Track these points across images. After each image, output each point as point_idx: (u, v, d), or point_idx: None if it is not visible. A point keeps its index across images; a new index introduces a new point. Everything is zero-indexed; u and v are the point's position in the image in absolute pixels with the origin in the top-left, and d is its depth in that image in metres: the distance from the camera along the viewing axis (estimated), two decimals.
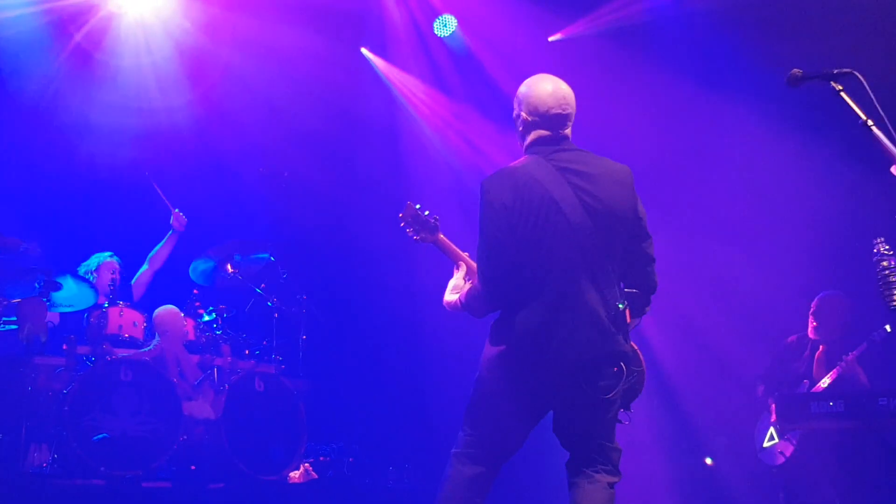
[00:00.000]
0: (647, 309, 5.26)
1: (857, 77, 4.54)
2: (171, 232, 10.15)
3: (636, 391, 5.19)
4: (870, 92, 4.45)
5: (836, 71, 4.60)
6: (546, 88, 5.12)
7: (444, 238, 5.70)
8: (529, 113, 5.11)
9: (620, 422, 5.12)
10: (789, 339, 9.24)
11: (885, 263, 4.64)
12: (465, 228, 6.42)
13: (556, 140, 5.07)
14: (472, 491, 5.01)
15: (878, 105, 4.43)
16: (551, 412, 5.10)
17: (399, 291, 11.47)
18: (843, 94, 4.57)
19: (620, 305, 4.87)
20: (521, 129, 5.20)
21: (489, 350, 5.04)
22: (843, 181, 9.63)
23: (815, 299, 8.99)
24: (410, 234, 5.70)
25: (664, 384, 10.70)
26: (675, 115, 10.70)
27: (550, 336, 4.80)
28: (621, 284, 5.00)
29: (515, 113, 5.22)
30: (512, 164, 5.07)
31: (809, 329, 9.01)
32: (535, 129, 5.11)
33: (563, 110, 5.07)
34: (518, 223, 4.84)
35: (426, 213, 5.68)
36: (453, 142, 11.71)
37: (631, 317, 5.12)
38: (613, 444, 5.06)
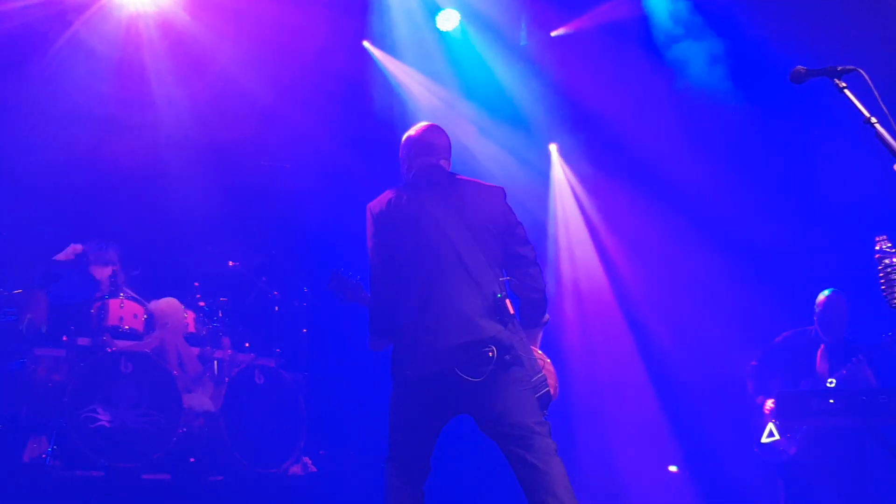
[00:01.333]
0: (546, 318, 5.55)
1: (861, 74, 4.52)
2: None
3: (546, 396, 5.35)
4: (874, 89, 4.43)
5: (840, 68, 4.58)
6: (426, 134, 5.71)
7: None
8: (410, 156, 5.66)
9: (544, 412, 5.28)
10: (783, 334, 9.21)
11: (886, 261, 4.63)
12: None
13: (434, 169, 5.59)
14: (406, 491, 5.35)
15: (881, 102, 4.41)
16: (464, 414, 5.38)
17: None
18: (846, 91, 4.55)
19: (499, 295, 5.17)
20: (405, 168, 5.72)
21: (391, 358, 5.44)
22: (844, 178, 9.62)
23: (820, 297, 8.96)
24: (338, 296, 5.97)
25: (663, 378, 10.72)
26: (673, 111, 10.69)
27: (424, 329, 5.19)
28: (502, 280, 5.31)
29: (401, 159, 5.76)
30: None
31: (814, 326, 8.98)
32: (415, 165, 5.63)
33: (439, 150, 5.64)
34: (391, 235, 5.40)
35: (349, 273, 5.97)
36: (455, 136, 11.67)
37: (526, 327, 5.46)
38: (536, 418, 5.17)
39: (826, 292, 8.96)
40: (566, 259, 11.70)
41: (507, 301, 5.22)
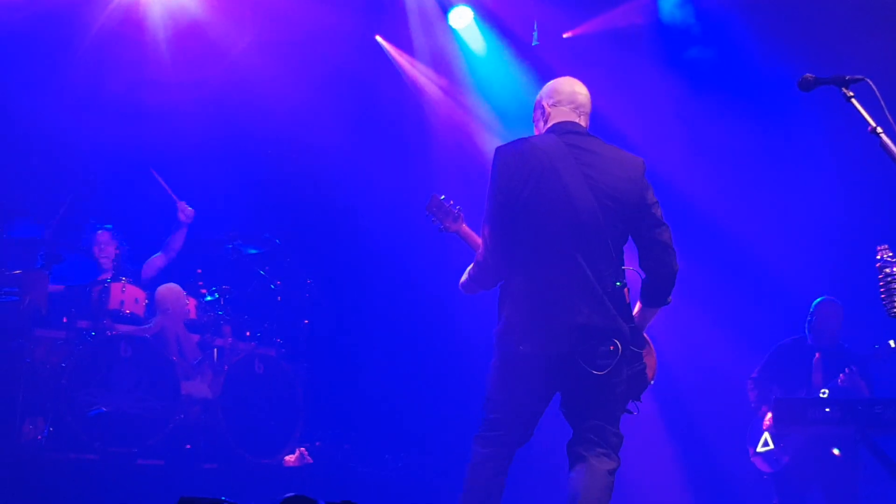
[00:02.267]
0: (669, 300, 5.33)
1: (869, 84, 4.52)
2: (179, 225, 10.03)
3: (644, 381, 5.31)
4: (881, 99, 4.43)
5: (847, 77, 4.58)
6: (569, 82, 5.55)
7: (467, 228, 5.93)
8: (549, 103, 5.48)
9: (629, 411, 5.29)
10: (784, 340, 9.21)
11: (887, 270, 4.62)
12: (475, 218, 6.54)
13: (572, 126, 5.35)
14: (490, 471, 5.16)
15: (887, 112, 4.41)
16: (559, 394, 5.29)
17: (404, 278, 11.47)
18: (853, 100, 4.55)
19: (618, 283, 5.05)
20: (542, 119, 5.51)
21: (497, 327, 5.23)
22: (848, 187, 9.62)
23: (813, 306, 8.98)
24: (435, 223, 5.91)
25: (662, 384, 10.70)
26: (682, 116, 10.70)
27: (544, 301, 5.02)
28: (622, 266, 5.17)
29: (538, 107, 5.57)
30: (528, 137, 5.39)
31: (808, 335, 8.99)
32: (553, 116, 5.43)
33: (582, 103, 5.45)
34: (517, 187, 5.13)
35: (451, 202, 5.85)
36: (464, 132, 11.70)
37: (648, 306, 5.34)
38: (615, 428, 5.17)
39: (820, 300, 8.98)
40: None
41: (626, 290, 5.14)
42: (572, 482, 5.06)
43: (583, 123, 5.42)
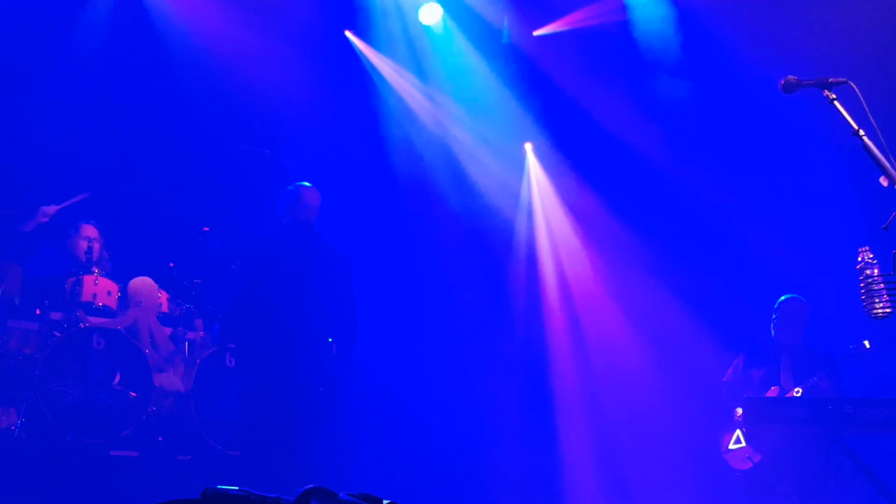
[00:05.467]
0: None
1: (851, 86, 4.62)
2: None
3: None
4: (863, 102, 4.52)
5: (831, 79, 4.67)
6: (308, 190, 8.12)
7: None
8: (292, 201, 8.01)
9: None
10: (753, 341, 9.29)
11: (868, 272, 4.71)
12: (439, 217, 6.63)
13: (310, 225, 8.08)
14: None
15: (870, 115, 4.50)
16: None
17: (373, 276, 11.49)
18: (836, 102, 4.64)
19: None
20: (282, 211, 8.04)
21: None
22: (830, 189, 9.71)
23: (778, 303, 9.07)
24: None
25: (635, 379, 10.79)
26: (655, 115, 10.77)
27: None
28: None
29: (283, 201, 8.04)
30: None
31: (775, 333, 9.08)
32: (292, 209, 8.10)
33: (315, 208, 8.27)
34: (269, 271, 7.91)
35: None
36: (434, 129, 11.73)
37: None
38: None
39: (784, 297, 9.07)
40: (545, 253, 11.72)
41: None
42: None
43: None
